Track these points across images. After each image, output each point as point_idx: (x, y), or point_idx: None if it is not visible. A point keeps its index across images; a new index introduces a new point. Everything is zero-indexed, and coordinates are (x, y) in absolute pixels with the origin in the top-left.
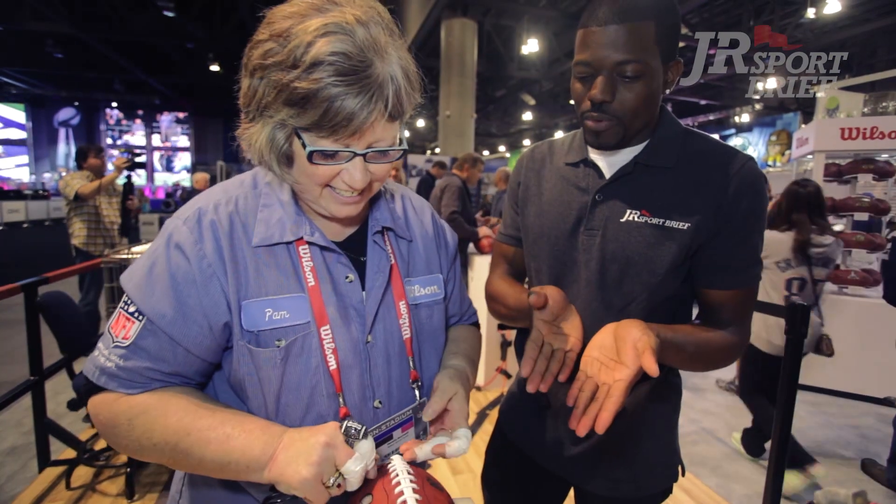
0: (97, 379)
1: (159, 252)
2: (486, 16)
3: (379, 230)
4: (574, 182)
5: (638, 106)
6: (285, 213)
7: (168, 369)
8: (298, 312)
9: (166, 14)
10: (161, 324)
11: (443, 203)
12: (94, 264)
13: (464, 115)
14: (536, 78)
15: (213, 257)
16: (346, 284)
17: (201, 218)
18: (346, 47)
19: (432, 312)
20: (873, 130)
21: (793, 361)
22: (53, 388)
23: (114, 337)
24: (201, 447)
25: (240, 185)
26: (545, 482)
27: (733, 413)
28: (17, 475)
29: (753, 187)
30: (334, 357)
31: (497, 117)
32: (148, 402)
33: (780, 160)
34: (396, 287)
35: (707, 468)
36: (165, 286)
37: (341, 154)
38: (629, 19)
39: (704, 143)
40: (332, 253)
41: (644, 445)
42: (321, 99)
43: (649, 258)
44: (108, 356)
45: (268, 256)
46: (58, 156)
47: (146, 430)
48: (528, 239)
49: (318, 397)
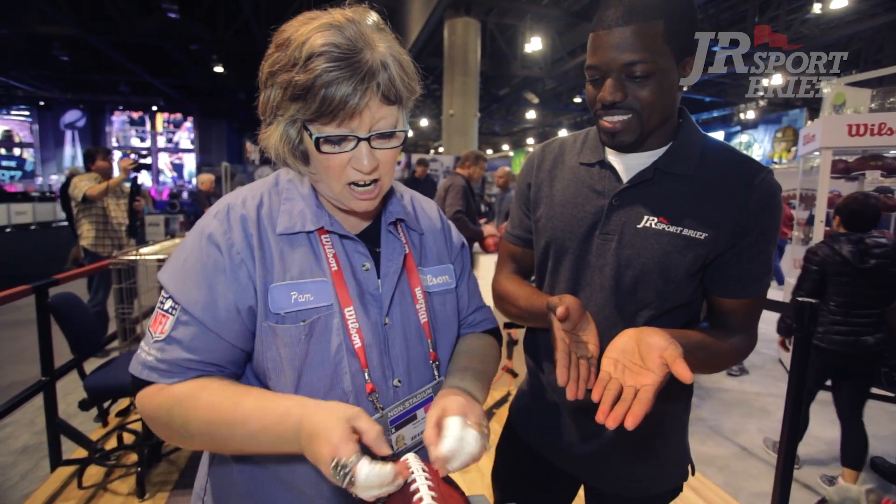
0: (140, 373)
1: (192, 245)
2: (489, 15)
3: (392, 221)
4: (589, 184)
5: (653, 101)
6: (306, 205)
7: (202, 357)
8: (322, 295)
9: (171, 16)
10: (194, 311)
11: (447, 203)
12: (102, 265)
13: (467, 114)
14: (540, 76)
15: (241, 245)
16: (363, 273)
17: (230, 211)
18: (336, 39)
19: (445, 301)
20: (881, 127)
21: (801, 358)
22: (64, 388)
23: (152, 334)
24: (238, 430)
25: (264, 184)
26: (556, 480)
27: (741, 412)
28: (29, 474)
29: (772, 201)
30: (359, 336)
31: (500, 116)
32: (183, 393)
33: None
34: (412, 274)
35: (715, 467)
36: (197, 275)
37: (347, 141)
38: (636, 20)
39: (724, 153)
40: (350, 242)
41: (655, 444)
42: (318, 86)
43: (665, 266)
44: (147, 351)
45: (292, 244)
46: (64, 158)
47: (184, 420)
48: (540, 240)
49: (341, 374)
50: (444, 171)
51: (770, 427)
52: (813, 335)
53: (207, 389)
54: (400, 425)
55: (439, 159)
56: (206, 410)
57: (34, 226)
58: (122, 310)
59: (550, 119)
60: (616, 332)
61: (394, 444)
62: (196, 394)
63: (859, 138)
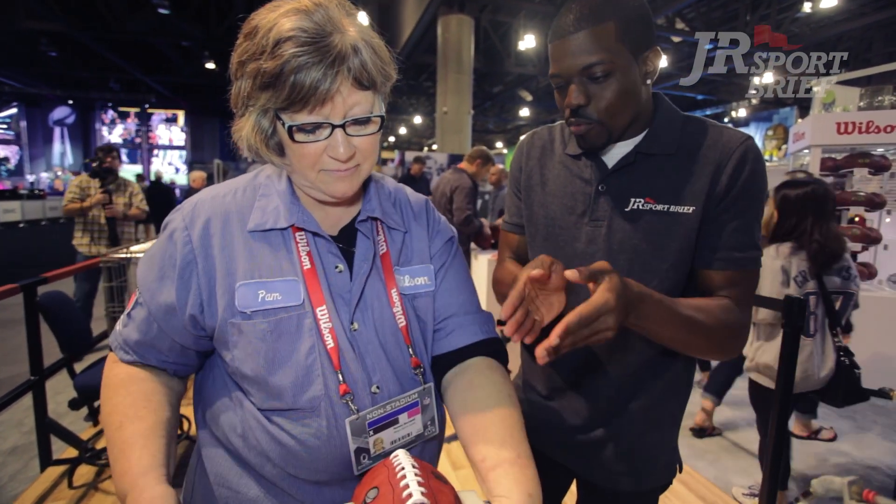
0: (111, 340)
1: (161, 236)
2: (483, 12)
3: (365, 220)
4: (577, 173)
5: (615, 103)
6: (281, 202)
7: (146, 340)
8: (291, 294)
9: (161, 12)
10: (144, 297)
11: (455, 205)
12: (93, 263)
13: (461, 112)
14: (533, 74)
15: (197, 244)
16: (336, 274)
17: (195, 208)
18: (304, 23)
19: (424, 304)
20: (869, 125)
21: (790, 353)
22: (54, 387)
23: (126, 308)
24: (108, 443)
25: (243, 179)
26: (549, 472)
27: (732, 407)
28: (19, 475)
29: (749, 165)
30: (332, 337)
31: (494, 113)
32: (118, 378)
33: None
34: (388, 275)
35: (705, 461)
36: (154, 265)
37: (321, 129)
38: (587, 25)
39: (704, 126)
40: (324, 242)
41: (648, 440)
42: (287, 72)
43: (657, 245)
44: (119, 325)
45: (263, 241)
46: (53, 155)
47: (104, 399)
48: (533, 229)
49: (314, 376)
50: (438, 169)
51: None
52: (801, 331)
53: (126, 390)
54: (379, 428)
55: (433, 157)
56: (110, 407)
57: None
58: (113, 308)
59: (544, 116)
60: None
61: (371, 447)
62: (122, 386)
63: (847, 136)
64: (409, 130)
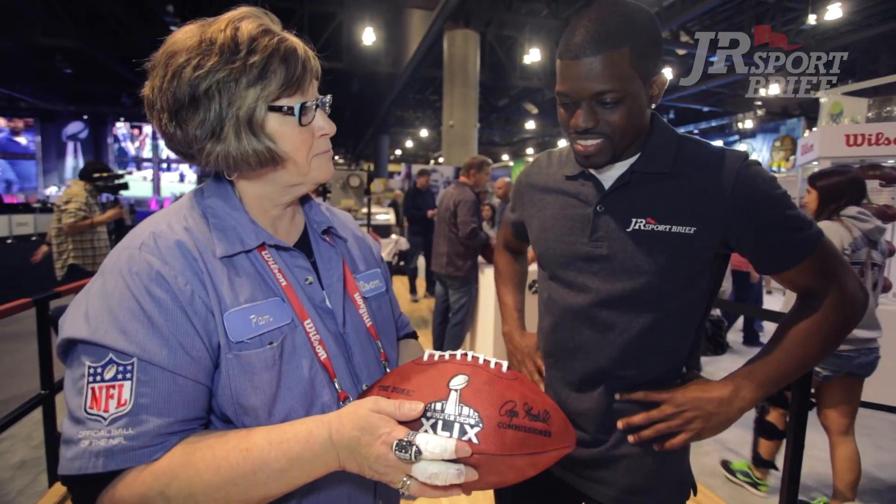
0: (105, 466)
1: (120, 289)
2: (488, 27)
3: (324, 230)
4: (575, 194)
5: (624, 125)
6: (238, 223)
7: (184, 415)
8: (280, 314)
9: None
10: (160, 362)
11: (459, 220)
12: None
13: (467, 125)
14: (539, 87)
15: (188, 274)
16: (307, 287)
17: (158, 240)
18: (264, 23)
19: (381, 304)
20: (878, 136)
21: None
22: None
23: (101, 414)
24: (261, 476)
25: (178, 208)
26: (557, 492)
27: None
28: (27, 489)
29: (759, 178)
30: (322, 347)
31: (500, 126)
32: (173, 465)
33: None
34: (349, 281)
35: (720, 479)
36: (144, 321)
37: (310, 110)
38: (602, 49)
39: (700, 147)
40: (290, 256)
41: (655, 460)
42: (279, 59)
43: (659, 265)
44: (108, 435)
45: (236, 266)
46: (66, 169)
47: (189, 493)
48: (535, 251)
49: (320, 389)
50: (444, 182)
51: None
52: None
53: (199, 451)
54: None
55: (439, 169)
56: (212, 473)
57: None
58: None
59: (550, 129)
60: (612, 336)
61: None
62: (189, 461)
63: (857, 148)
64: (415, 143)
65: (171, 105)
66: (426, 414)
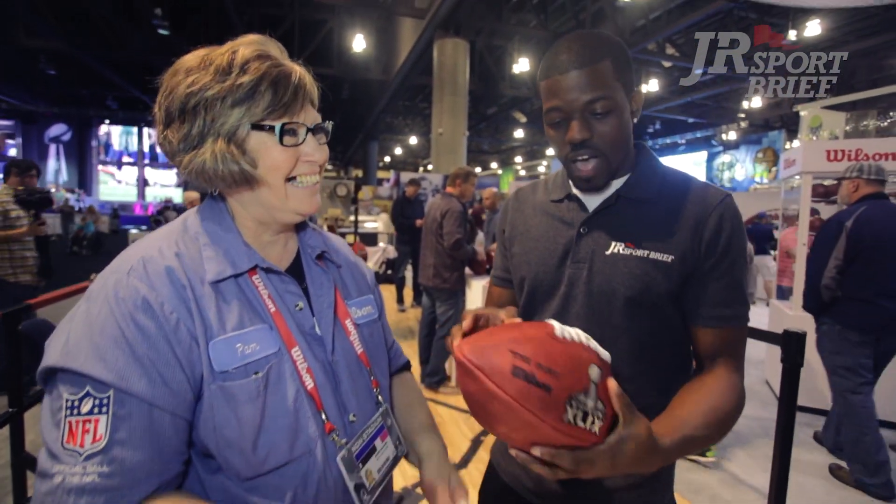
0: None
1: (102, 315)
2: (478, 36)
3: (318, 254)
4: (559, 217)
5: (617, 137)
6: (231, 245)
7: (160, 450)
8: (267, 342)
9: (160, 32)
10: (141, 394)
11: (445, 230)
12: (81, 287)
13: (456, 133)
14: (527, 96)
15: (174, 302)
16: (298, 313)
17: (147, 265)
18: (266, 48)
19: (372, 331)
20: (857, 152)
21: (790, 389)
22: (34, 417)
23: (78, 450)
24: None
25: (170, 232)
26: None
27: (727, 437)
28: None
29: (733, 221)
30: (310, 376)
31: (489, 135)
32: None
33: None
34: (340, 307)
35: (705, 496)
36: (125, 348)
37: (299, 132)
38: (589, 63)
39: (683, 179)
40: (280, 281)
41: (643, 489)
42: (267, 82)
43: (636, 290)
44: (83, 472)
45: (224, 292)
46: (48, 172)
47: None
48: (517, 275)
49: (305, 421)
50: (433, 190)
51: (760, 453)
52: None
53: None
54: (364, 459)
55: (428, 177)
56: None
57: None
58: None
59: (538, 137)
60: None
61: (365, 479)
62: None
63: (837, 163)
64: (404, 151)
65: (165, 118)
66: (571, 401)
